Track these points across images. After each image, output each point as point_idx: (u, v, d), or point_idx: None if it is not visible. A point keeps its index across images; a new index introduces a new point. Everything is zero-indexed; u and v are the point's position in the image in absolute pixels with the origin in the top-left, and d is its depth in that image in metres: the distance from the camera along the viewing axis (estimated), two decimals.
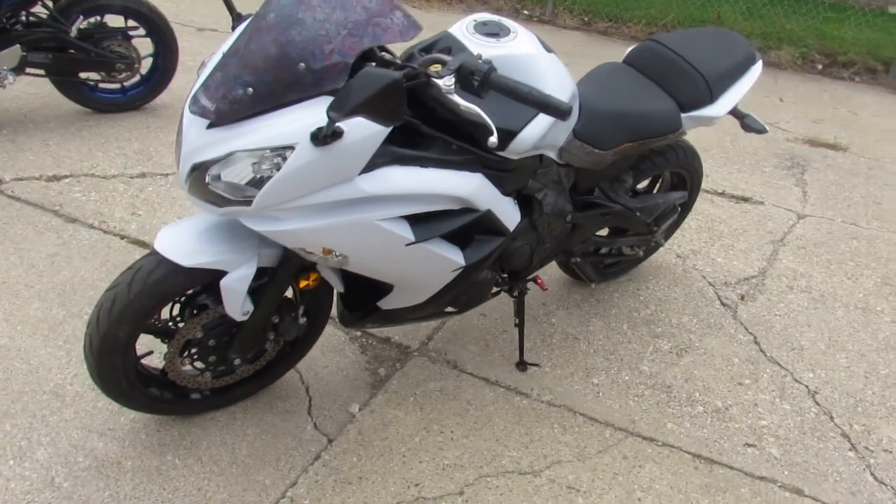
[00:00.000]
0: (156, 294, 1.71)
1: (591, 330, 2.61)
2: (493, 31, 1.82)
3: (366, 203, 1.60)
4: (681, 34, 2.51)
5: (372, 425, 2.12)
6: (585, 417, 2.22)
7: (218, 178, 1.52)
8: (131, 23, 3.70)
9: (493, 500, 1.92)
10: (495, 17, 1.89)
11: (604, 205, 2.33)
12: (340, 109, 1.32)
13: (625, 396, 2.31)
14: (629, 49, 2.50)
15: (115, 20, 3.66)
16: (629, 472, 2.04)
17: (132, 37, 3.72)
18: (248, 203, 1.53)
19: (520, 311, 2.33)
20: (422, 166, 1.64)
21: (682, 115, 2.27)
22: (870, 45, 6.25)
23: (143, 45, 3.74)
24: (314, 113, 1.46)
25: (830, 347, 2.62)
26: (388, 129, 1.51)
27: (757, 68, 2.45)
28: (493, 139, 1.51)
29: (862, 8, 6.91)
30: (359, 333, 2.46)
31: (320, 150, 1.47)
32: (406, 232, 1.69)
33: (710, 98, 2.30)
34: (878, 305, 2.89)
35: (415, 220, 1.71)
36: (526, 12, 7.29)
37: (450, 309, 2.12)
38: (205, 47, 4.84)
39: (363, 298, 1.99)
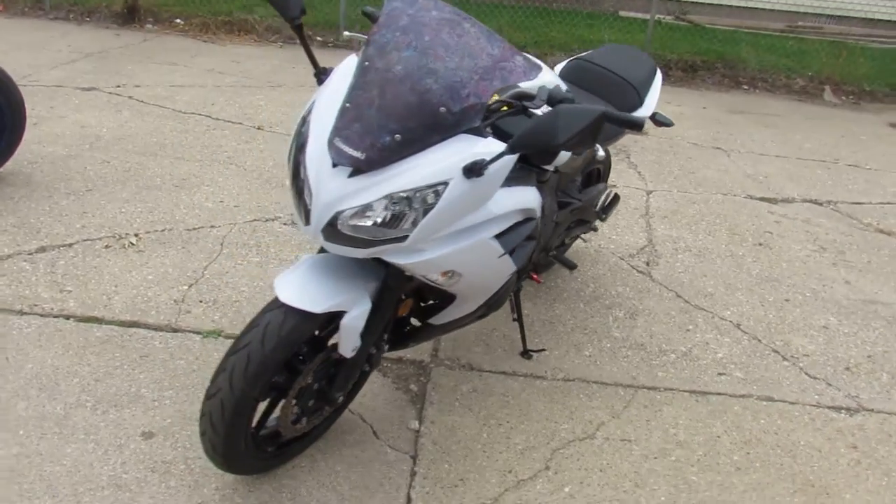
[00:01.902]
0: (288, 345, 1.74)
1: (558, 313, 3.00)
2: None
3: (484, 224, 1.80)
4: (597, 52, 2.98)
5: (440, 434, 2.29)
6: (598, 384, 2.60)
7: (366, 220, 1.62)
8: None
9: (574, 467, 2.21)
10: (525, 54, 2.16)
11: (571, 202, 2.72)
12: (531, 146, 1.49)
13: (616, 360, 2.73)
14: (556, 67, 2.91)
15: None
16: (654, 417, 2.45)
17: None
18: (403, 239, 1.65)
19: (517, 306, 2.63)
20: (509, 185, 1.88)
21: None
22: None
23: None
24: (459, 150, 1.64)
25: (728, 289, 3.29)
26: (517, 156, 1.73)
27: (659, 74, 3.00)
28: (602, 153, 1.80)
29: (607, 14, 8.17)
30: None
31: (470, 182, 1.65)
32: (498, 245, 1.91)
33: (640, 102, 2.79)
34: (738, 251, 3.66)
35: (498, 234, 1.94)
36: (319, 38, 7.47)
37: (482, 313, 2.35)
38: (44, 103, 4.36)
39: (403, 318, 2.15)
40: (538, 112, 1.76)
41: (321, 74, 1.83)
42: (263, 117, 4.90)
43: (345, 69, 1.79)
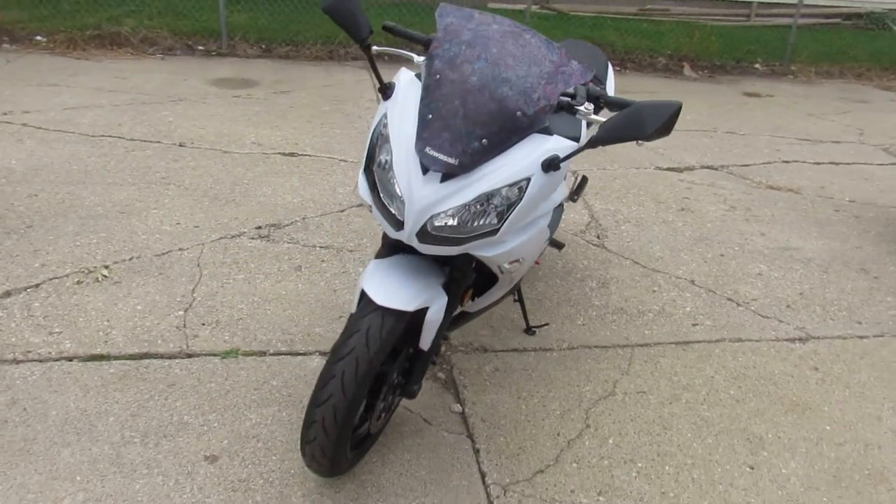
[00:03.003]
0: (388, 345, 1.85)
1: (541, 290, 3.25)
2: None
3: (544, 213, 2.00)
4: (563, 45, 3.24)
5: (484, 412, 2.48)
6: (599, 347, 2.88)
7: (453, 220, 1.77)
8: None
9: (608, 421, 2.48)
10: None
11: None
12: (618, 139, 1.68)
13: (605, 325, 3.03)
14: None
15: None
16: (656, 368, 2.77)
17: None
18: (494, 233, 1.82)
19: (518, 288, 2.85)
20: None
21: None
22: None
23: None
24: (535, 148, 1.82)
25: (672, 251, 3.70)
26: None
27: (610, 66, 3.31)
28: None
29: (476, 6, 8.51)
30: None
31: (547, 176, 1.84)
32: (548, 231, 2.12)
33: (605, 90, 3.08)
34: (668, 217, 4.09)
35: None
36: (201, 48, 7.26)
37: (505, 296, 2.55)
38: None
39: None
40: (582, 108, 1.97)
41: (386, 89, 1.93)
42: (180, 134, 4.77)
43: (407, 83, 1.91)
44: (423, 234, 1.80)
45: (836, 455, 2.40)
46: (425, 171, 1.78)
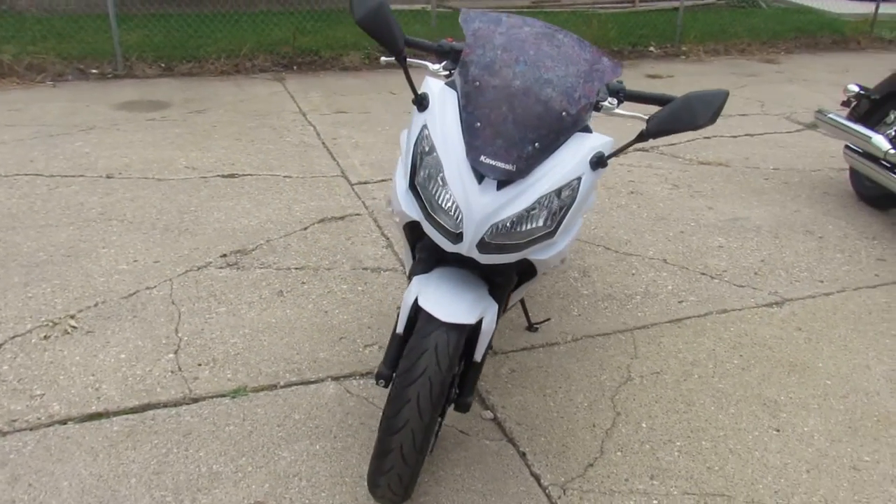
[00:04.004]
0: (456, 360, 1.81)
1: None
2: None
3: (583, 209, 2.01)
4: None
5: (516, 415, 2.47)
6: (601, 335, 2.94)
7: (512, 227, 1.75)
8: None
9: (635, 405, 2.53)
10: None
11: None
12: (669, 130, 1.71)
13: (600, 313, 3.10)
14: None
15: None
16: (661, 348, 2.86)
17: None
18: (552, 235, 1.81)
19: None
20: None
21: None
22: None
23: None
24: (581, 147, 1.82)
25: (636, 233, 3.82)
26: None
27: None
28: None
29: (402, 11, 8.44)
30: None
31: (595, 173, 1.85)
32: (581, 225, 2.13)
33: None
34: (622, 202, 4.23)
35: None
36: (95, 71, 6.81)
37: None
38: None
39: None
40: (606, 104, 1.99)
41: (422, 100, 1.87)
42: (104, 164, 4.46)
43: (441, 93, 1.86)
44: (483, 245, 1.77)
45: (845, 407, 2.56)
46: (479, 180, 1.74)
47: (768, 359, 2.81)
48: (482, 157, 1.74)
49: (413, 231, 2.02)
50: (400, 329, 1.96)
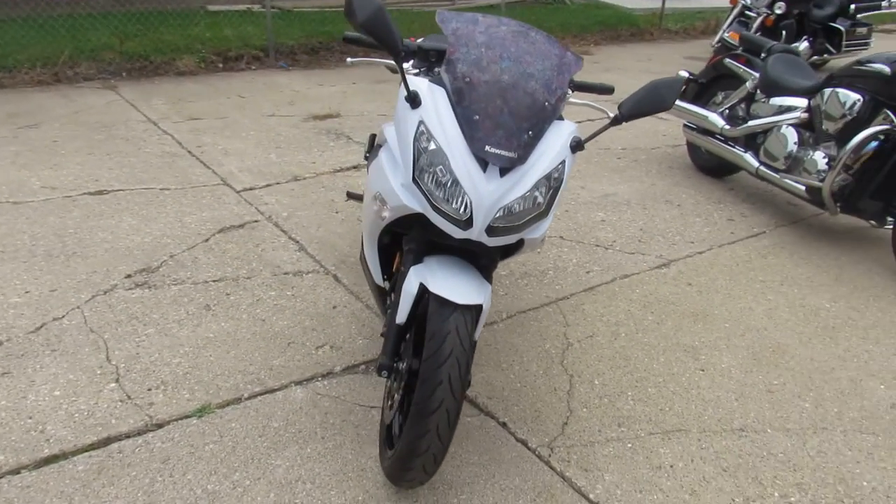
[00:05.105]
0: (474, 339, 1.92)
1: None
2: None
3: None
4: None
5: (483, 390, 2.62)
6: (532, 310, 3.16)
7: (523, 206, 1.90)
8: None
9: (583, 366, 2.79)
10: None
11: None
12: (641, 113, 1.96)
13: (523, 290, 3.33)
14: None
15: None
16: (586, 314, 3.14)
17: None
18: (546, 213, 1.97)
19: None
20: None
21: None
22: (245, 38, 7.56)
23: None
24: (561, 134, 1.98)
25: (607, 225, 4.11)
26: None
27: None
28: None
29: (197, 10, 8.09)
30: None
31: (573, 157, 2.03)
32: None
33: None
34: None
35: None
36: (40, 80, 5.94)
37: None
38: None
39: None
40: (567, 93, 2.20)
41: (415, 98, 1.93)
42: None
43: (430, 90, 1.93)
44: (490, 229, 1.89)
45: (745, 343, 3.00)
46: (486, 167, 1.87)
47: (674, 312, 3.20)
48: (487, 147, 1.86)
49: (398, 225, 2.09)
50: (402, 319, 2.02)
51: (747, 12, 7.84)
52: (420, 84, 1.97)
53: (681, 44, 10.05)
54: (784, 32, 7.57)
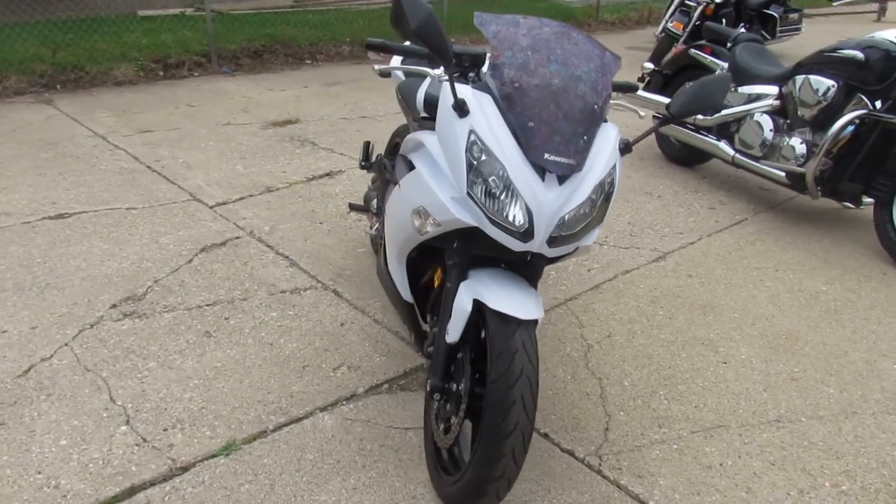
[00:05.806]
0: (537, 354, 1.84)
1: None
2: None
3: None
4: None
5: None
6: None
7: (583, 214, 1.83)
8: None
9: (609, 367, 2.75)
10: None
11: None
12: (692, 112, 1.93)
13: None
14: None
15: None
16: (598, 314, 3.11)
17: None
18: (601, 218, 1.90)
19: None
20: None
21: None
22: (184, 44, 7.22)
23: None
24: (608, 136, 1.91)
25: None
26: None
27: None
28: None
29: (127, 15, 7.69)
30: None
31: (622, 159, 1.97)
32: None
33: None
34: None
35: None
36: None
37: None
38: None
39: None
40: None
41: (462, 106, 1.82)
42: None
43: (476, 97, 1.83)
44: (551, 239, 1.82)
45: (758, 332, 3.03)
46: (545, 175, 1.79)
47: (683, 305, 3.20)
48: (546, 155, 1.78)
49: (435, 239, 2.00)
50: (454, 338, 1.94)
51: (687, 1, 8.00)
52: (465, 92, 1.87)
53: (619, 34, 10.21)
54: (724, 20, 7.76)
